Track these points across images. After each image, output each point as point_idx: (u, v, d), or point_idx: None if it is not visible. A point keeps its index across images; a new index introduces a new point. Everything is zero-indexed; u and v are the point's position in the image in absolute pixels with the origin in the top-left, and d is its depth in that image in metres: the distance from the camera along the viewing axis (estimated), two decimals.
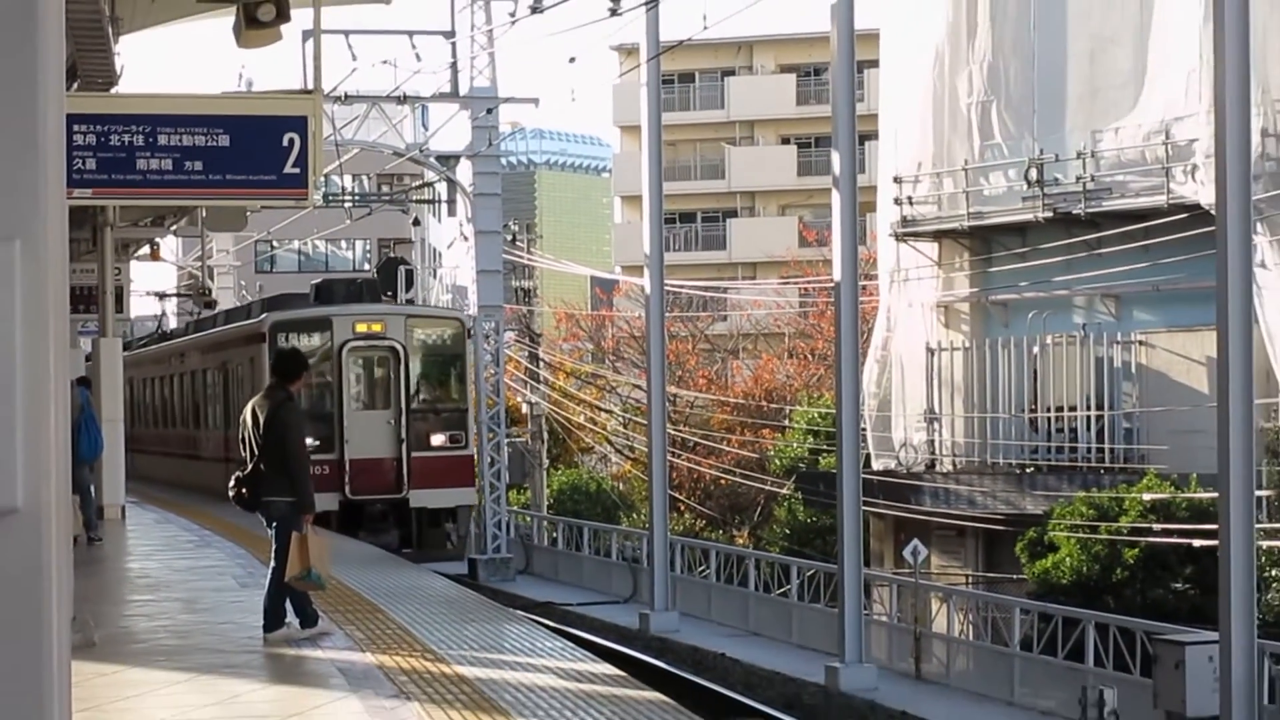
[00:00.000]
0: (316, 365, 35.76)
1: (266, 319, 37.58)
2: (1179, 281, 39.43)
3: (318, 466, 34.15)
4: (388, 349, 36.88)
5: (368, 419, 36.54)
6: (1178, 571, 35.89)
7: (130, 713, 14.17)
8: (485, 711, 13.61)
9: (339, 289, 40.25)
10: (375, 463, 36.26)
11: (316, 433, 33.68)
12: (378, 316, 37.75)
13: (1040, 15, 45.21)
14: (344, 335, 36.49)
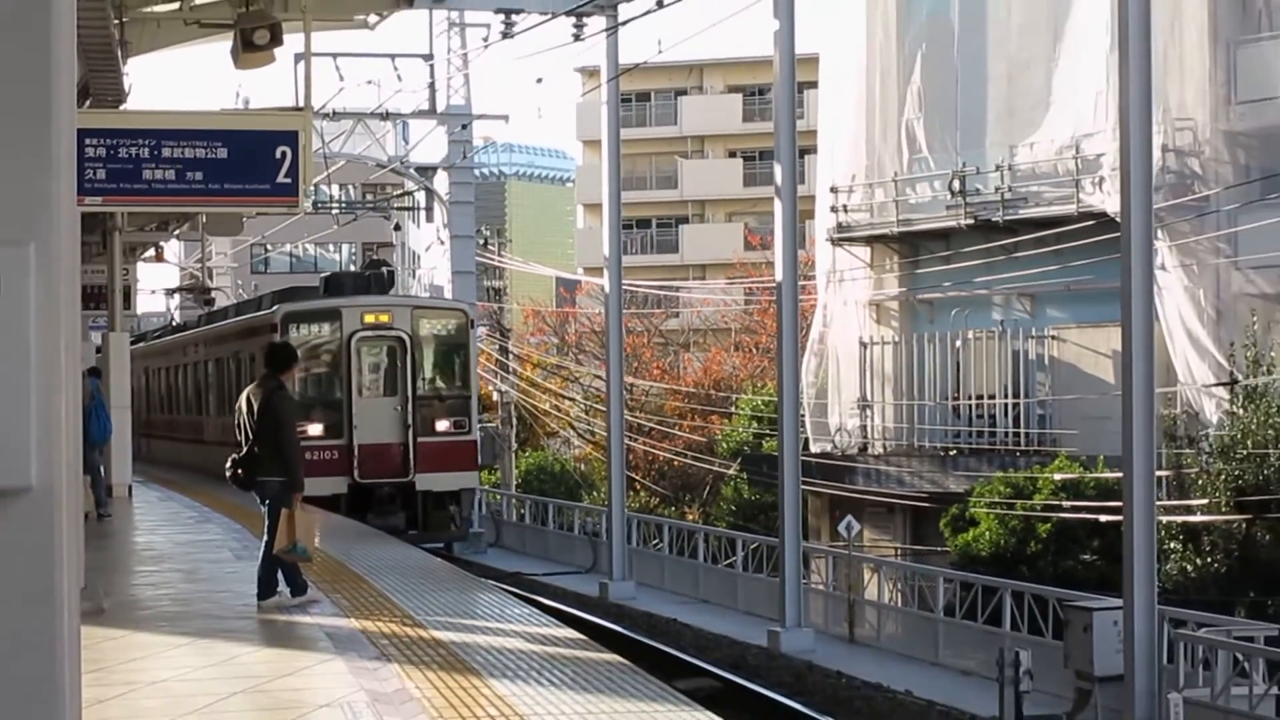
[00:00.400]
0: (326, 354, 35.68)
1: (278, 310, 36.19)
2: (1087, 282, 39.49)
3: (328, 451, 34.22)
4: (395, 339, 35.53)
5: (376, 406, 35.25)
6: (1086, 544, 35.94)
7: (136, 673, 14.14)
8: (459, 672, 13.60)
9: (348, 281, 39.01)
10: (383, 447, 34.98)
11: (326, 419, 34.44)
12: (385, 307, 36.33)
13: (962, 41, 45.26)
14: (353, 326, 35.22)
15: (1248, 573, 33.80)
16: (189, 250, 71.71)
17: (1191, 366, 38.84)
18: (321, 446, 33.99)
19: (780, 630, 31.49)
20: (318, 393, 35.63)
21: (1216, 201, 39.27)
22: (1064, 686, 25.32)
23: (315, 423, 34.11)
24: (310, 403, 34.26)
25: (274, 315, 35.58)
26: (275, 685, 13.64)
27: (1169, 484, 34.14)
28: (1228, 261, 39.61)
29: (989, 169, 43.71)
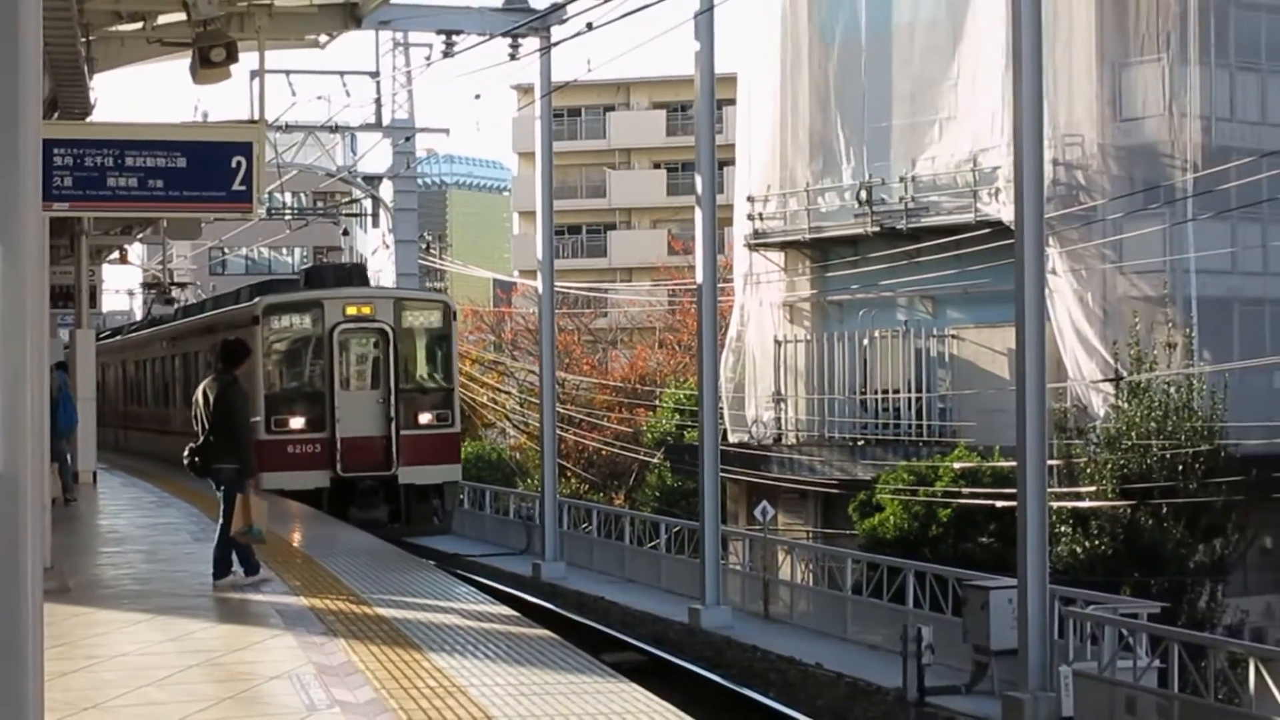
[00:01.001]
0: (308, 347, 33.08)
1: (259, 302, 33.25)
2: (984, 285, 39.64)
3: (310, 445, 32.07)
4: (377, 331, 32.77)
5: (358, 399, 32.51)
6: (983, 528, 36.07)
7: (99, 647, 14.06)
8: (401, 646, 13.56)
9: (329, 273, 35.96)
10: (365, 440, 32.35)
11: (309, 412, 32.19)
12: (367, 299, 33.52)
13: (869, 63, 45.36)
14: (334, 318, 32.44)
15: (1132, 554, 33.99)
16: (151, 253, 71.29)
17: (1080, 363, 39.07)
18: (303, 440, 32.19)
19: (700, 608, 31.50)
20: (299, 386, 33.15)
21: (1102, 211, 39.50)
22: (963, 660, 25.42)
23: (297, 416, 32.36)
24: (292, 396, 32.78)
25: (255, 307, 33.13)
26: (229, 659, 13.59)
27: (1059, 472, 34.31)
28: (1113, 266, 39.87)
29: (894, 180, 43.88)
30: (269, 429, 31.41)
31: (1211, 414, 35.65)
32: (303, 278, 36.70)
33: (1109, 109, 40.92)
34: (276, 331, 32.70)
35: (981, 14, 41.50)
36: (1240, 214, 38.65)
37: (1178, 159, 40.20)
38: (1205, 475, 34.63)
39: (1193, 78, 40.43)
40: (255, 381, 30.65)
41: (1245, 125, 41.20)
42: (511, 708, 11.11)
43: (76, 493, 28.81)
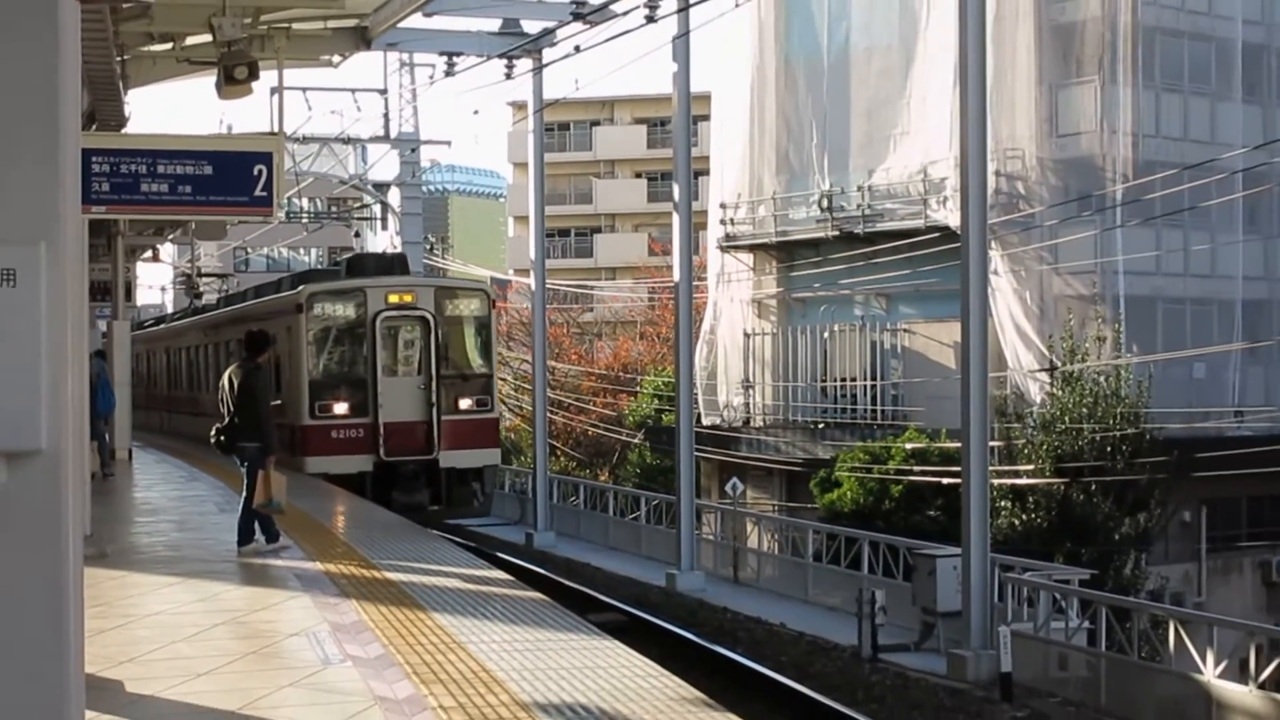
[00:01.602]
0: (351, 334, 30.71)
1: (303, 290, 31.04)
2: (933, 284, 39.67)
3: (354, 430, 29.84)
4: (418, 319, 30.45)
5: (400, 384, 30.22)
6: (931, 502, 36.10)
7: (134, 607, 14.04)
8: (406, 606, 13.56)
9: (370, 263, 33.38)
10: (408, 425, 30.10)
11: (352, 398, 29.99)
12: (408, 288, 31.13)
13: (830, 83, 45.36)
14: (377, 306, 30.22)
15: (1065, 527, 34.04)
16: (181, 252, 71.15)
17: (1019, 355, 39.12)
18: (347, 425, 30.02)
19: (676, 573, 31.56)
20: (343, 372, 30.71)
21: (1040, 217, 39.60)
22: (912, 620, 25.46)
23: (341, 402, 30.10)
24: (335, 382, 30.45)
25: (299, 295, 30.88)
26: (252, 617, 13.57)
27: (1000, 453, 34.36)
28: (1049, 268, 39.94)
29: (852, 189, 43.91)
30: (313, 414, 29.84)
31: (1137, 401, 35.71)
32: (344, 267, 34.10)
33: (1046, 126, 40.98)
34: (320, 319, 30.67)
35: (931, 39, 41.53)
36: (1164, 221, 38.72)
37: (1108, 171, 40.31)
38: (1131, 456, 34.70)
39: (1122, 98, 40.52)
40: (300, 368, 29.92)
41: (1169, 141, 41.27)
42: (506, 661, 11.12)
43: (114, 468, 28.75)
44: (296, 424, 29.73)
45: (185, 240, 51.96)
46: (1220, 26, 43.23)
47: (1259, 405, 41.01)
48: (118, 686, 10.58)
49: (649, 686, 10.35)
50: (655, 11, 28.65)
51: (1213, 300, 42.61)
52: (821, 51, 45.89)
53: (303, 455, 29.35)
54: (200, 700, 10.16)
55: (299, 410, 29.83)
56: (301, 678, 10.84)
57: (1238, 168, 36.32)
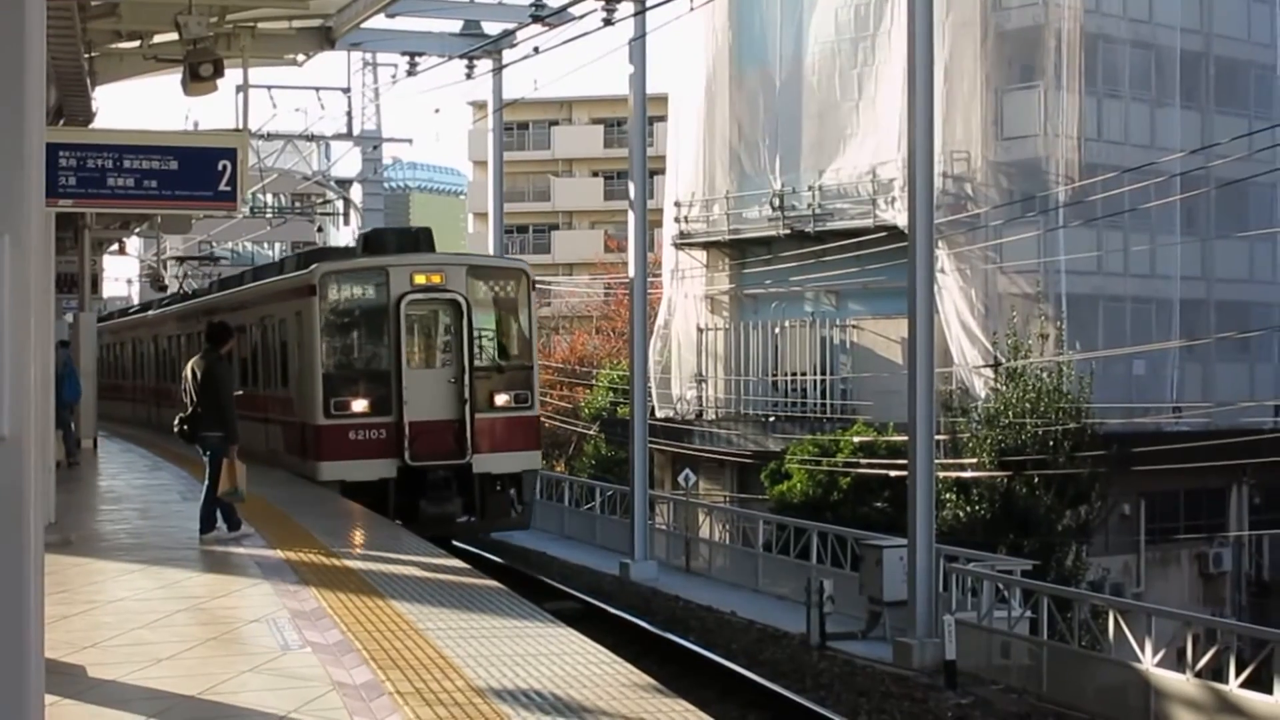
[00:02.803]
0: (371, 320, 26.11)
1: (316, 270, 26.19)
2: (881, 282, 39.76)
3: (375, 430, 25.30)
4: (448, 302, 25.78)
5: (427, 378, 25.66)
6: (878, 494, 36.18)
7: (97, 593, 13.96)
8: (365, 594, 13.51)
9: (390, 239, 28.25)
10: (436, 425, 25.50)
11: (372, 393, 25.47)
12: (437, 267, 26.32)
13: (782, 86, 45.41)
14: (401, 287, 25.59)
15: (1008, 518, 34.15)
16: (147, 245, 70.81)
17: (964, 351, 39.23)
18: (367, 425, 25.37)
19: (630, 562, 31.57)
20: (362, 364, 26.20)
21: (985, 218, 39.72)
22: (859, 609, 25.51)
23: (359, 398, 25.53)
24: (353, 375, 25.95)
25: (311, 276, 26.15)
26: (213, 604, 13.50)
27: (945, 446, 34.44)
28: (994, 266, 40.05)
29: (803, 189, 43.98)
30: (327, 413, 25.24)
31: (1079, 396, 35.86)
32: (360, 243, 29.61)
33: (992, 129, 41.10)
34: (335, 303, 26.08)
35: (880, 44, 41.65)
36: (1105, 222, 38.86)
37: (1052, 173, 40.45)
38: (1072, 450, 34.84)
39: (1066, 103, 40.65)
40: (312, 359, 25.61)
41: (1110, 144, 41.43)
42: (463, 648, 11.08)
43: (79, 456, 28.55)
44: (309, 423, 25.68)
45: (151, 234, 51.74)
46: (1160, 34, 43.44)
47: (1196, 401, 41.25)
48: (80, 671, 10.51)
49: (602, 673, 10.33)
50: (612, 15, 28.63)
51: (1152, 299, 42.81)
52: (773, 55, 45.92)
53: (315, 460, 25.32)
54: (161, 685, 10.11)
55: (311, 408, 25.54)
56: (261, 663, 10.79)
57: (1176, 171, 36.50)
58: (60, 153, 15.21)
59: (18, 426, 5.20)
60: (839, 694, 20.17)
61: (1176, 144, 39.31)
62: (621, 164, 59.65)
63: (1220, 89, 44.52)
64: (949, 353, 38.52)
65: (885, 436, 37.27)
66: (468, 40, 34.15)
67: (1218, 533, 42.54)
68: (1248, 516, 43.10)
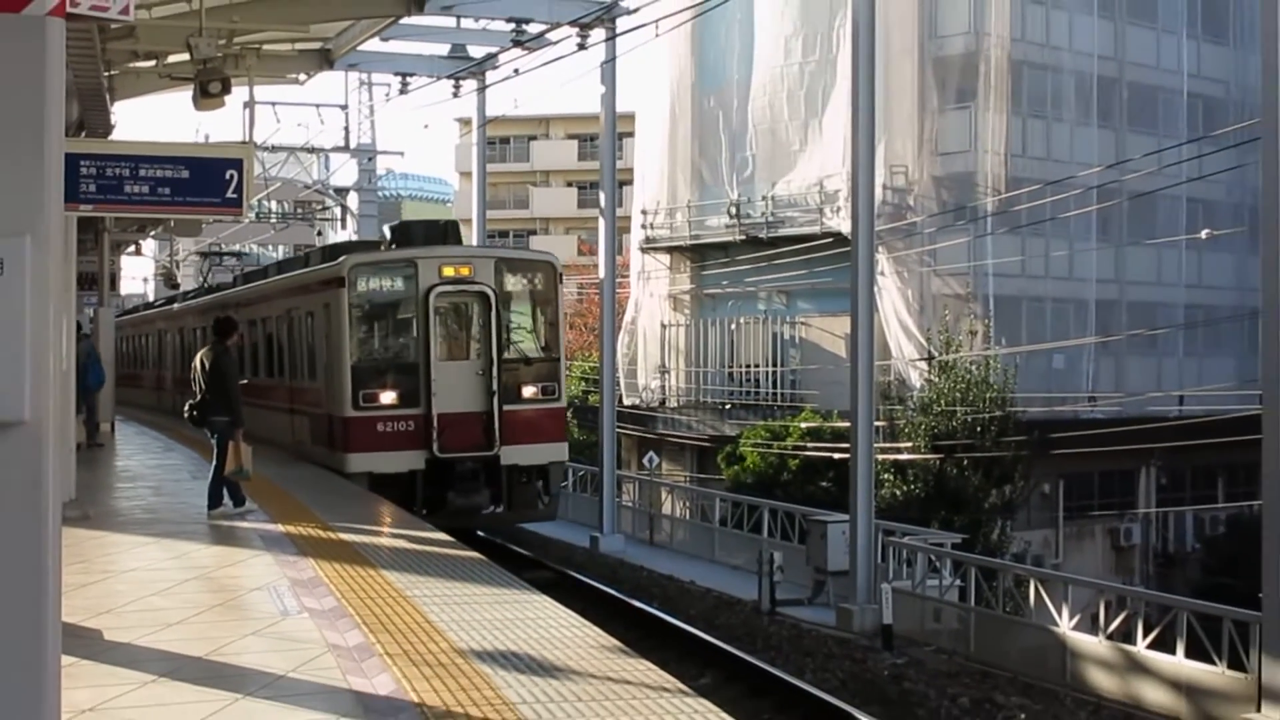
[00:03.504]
0: (400, 312, 24.26)
1: (345, 262, 24.14)
2: (828, 283, 39.78)
3: (403, 422, 23.38)
4: (477, 294, 23.85)
5: (456, 370, 23.71)
6: (824, 474, 36.23)
7: (113, 564, 13.90)
8: (359, 564, 13.47)
9: (418, 231, 26.12)
10: (465, 417, 23.64)
11: (401, 385, 23.58)
12: (466, 259, 24.51)
13: (738, 105, 45.42)
14: (430, 279, 23.64)
15: (940, 496, 34.26)
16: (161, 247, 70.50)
17: (902, 346, 39.31)
18: (396, 417, 23.54)
19: (599, 536, 31.56)
20: (391, 356, 24.20)
21: (921, 226, 39.78)
22: (806, 578, 25.55)
23: (388, 390, 23.60)
24: (381, 367, 23.94)
25: (340, 268, 24.06)
26: (220, 573, 13.45)
27: (884, 431, 34.52)
28: (929, 270, 40.13)
29: (757, 199, 43.98)
30: (355, 404, 23.33)
31: (1004, 387, 35.99)
32: (388, 235, 27.40)
33: (928, 145, 41.16)
34: (364, 295, 24.08)
35: (826, 70, 41.70)
36: (1028, 229, 39.01)
37: (981, 186, 40.55)
38: (998, 435, 34.96)
39: (993, 122, 40.77)
40: (340, 351, 23.59)
41: (1034, 160, 41.52)
42: (447, 613, 11.06)
43: (100, 439, 28.38)
44: (337, 416, 23.82)
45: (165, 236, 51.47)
46: (1079, 61, 43.56)
47: (1109, 392, 41.40)
48: (97, 635, 10.46)
49: (573, 636, 10.31)
50: (586, 40, 28.60)
51: (1070, 299, 42.96)
52: (730, 79, 45.93)
53: (344, 451, 23.56)
54: (171, 647, 10.06)
55: (339, 400, 23.68)
56: (263, 627, 10.75)
57: (1092, 184, 36.61)
58: (82, 162, 15.09)
59: (38, 411, 5.22)
60: (787, 655, 20.19)
61: (1093, 159, 39.41)
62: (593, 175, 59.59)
63: (1132, 110, 44.68)
64: (888, 347, 38.59)
65: (830, 423, 37.32)
66: (454, 63, 34.05)
67: (1128, 510, 42.73)
68: (1155, 495, 43.34)
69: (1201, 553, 42.55)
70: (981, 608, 22.42)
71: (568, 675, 9.10)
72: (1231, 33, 47.01)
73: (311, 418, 25.44)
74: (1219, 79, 46.53)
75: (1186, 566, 42.23)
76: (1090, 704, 18.72)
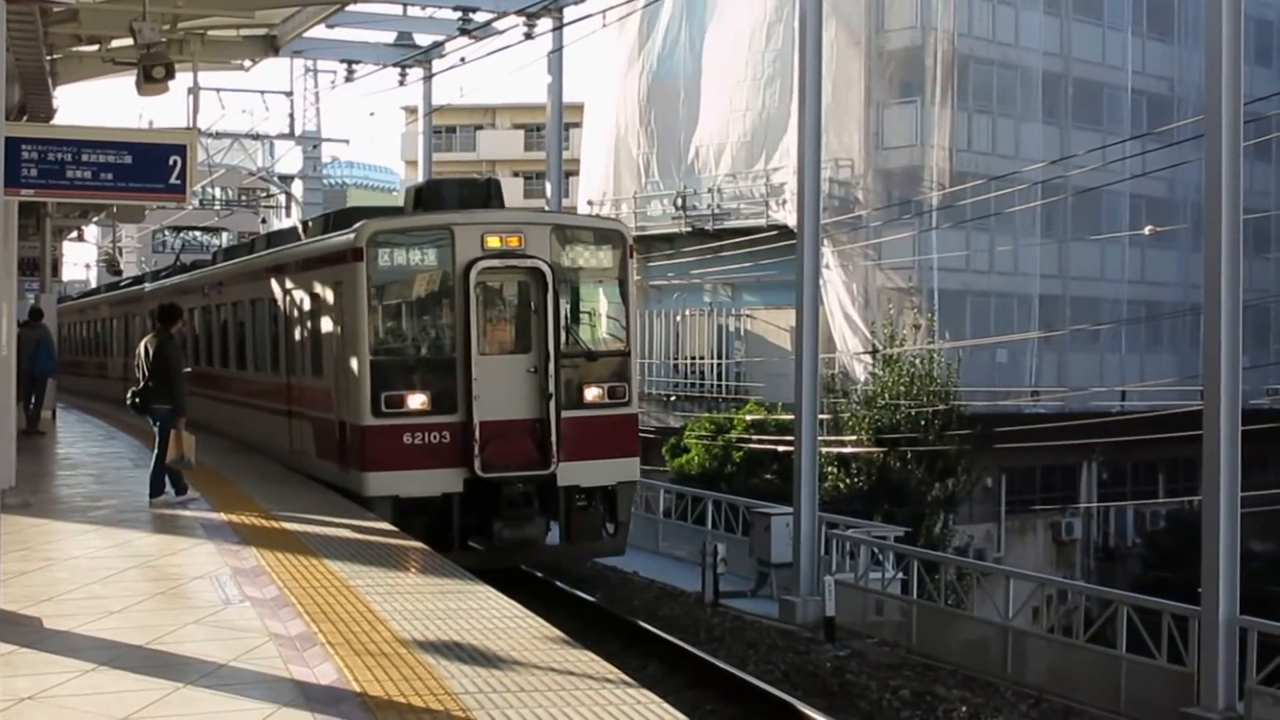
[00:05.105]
0: (430, 294, 19.00)
1: (363, 229, 18.69)
2: (773, 275, 39.87)
3: (436, 433, 18.27)
4: (529, 271, 18.70)
5: (503, 367, 18.62)
6: (768, 467, 36.30)
7: (54, 551, 13.80)
8: (301, 553, 13.43)
9: (451, 191, 20.35)
10: (513, 426, 18.53)
11: (433, 386, 18.45)
12: (515, 227, 18.94)
13: (686, 97, 45.48)
14: (470, 251, 18.40)
15: (883, 490, 34.40)
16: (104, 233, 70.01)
17: (846, 339, 39.47)
18: (427, 426, 18.38)
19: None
20: (420, 349, 19.00)
21: (866, 219, 39.96)
22: (749, 570, 25.58)
23: (416, 392, 18.45)
24: (409, 363, 18.82)
25: (357, 238, 18.65)
26: (161, 561, 13.39)
27: (828, 424, 34.63)
28: (873, 263, 40.29)
29: (703, 191, 44.02)
30: (376, 410, 18.27)
31: (947, 381, 36.16)
32: (412, 198, 21.00)
33: (874, 139, 41.36)
34: (387, 271, 18.80)
35: (771, 62, 41.81)
36: (973, 224, 39.20)
37: (926, 180, 40.78)
38: (941, 429, 35.13)
39: (939, 117, 40.97)
40: (357, 342, 18.57)
41: (978, 155, 41.77)
42: (390, 604, 11.05)
43: (41, 426, 28.12)
44: (352, 423, 18.76)
45: (108, 223, 51.14)
46: (1025, 57, 43.83)
47: (1052, 386, 41.72)
48: (36, 622, 10.40)
49: (516, 627, 10.32)
50: (533, 30, 28.57)
51: (1013, 294, 43.22)
52: (677, 70, 45.98)
53: (359, 470, 18.53)
54: (113, 635, 10.01)
55: (355, 405, 18.57)
56: (204, 616, 10.71)
57: (1037, 180, 36.84)
58: (23, 146, 14.98)
59: None
60: (730, 646, 20.23)
61: (1038, 155, 39.68)
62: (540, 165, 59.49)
63: (1078, 106, 44.97)
64: (832, 340, 38.74)
65: (774, 415, 37.40)
66: (400, 50, 33.97)
67: (1070, 504, 43.09)
68: (1096, 490, 43.71)
69: (1142, 547, 42.94)
70: (924, 600, 22.54)
71: (511, 666, 9.11)
72: (1176, 30, 47.41)
73: (316, 424, 20.46)
74: (1163, 76, 46.93)
75: (1127, 561, 42.61)
76: (1031, 697, 18.85)
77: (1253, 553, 30.71)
